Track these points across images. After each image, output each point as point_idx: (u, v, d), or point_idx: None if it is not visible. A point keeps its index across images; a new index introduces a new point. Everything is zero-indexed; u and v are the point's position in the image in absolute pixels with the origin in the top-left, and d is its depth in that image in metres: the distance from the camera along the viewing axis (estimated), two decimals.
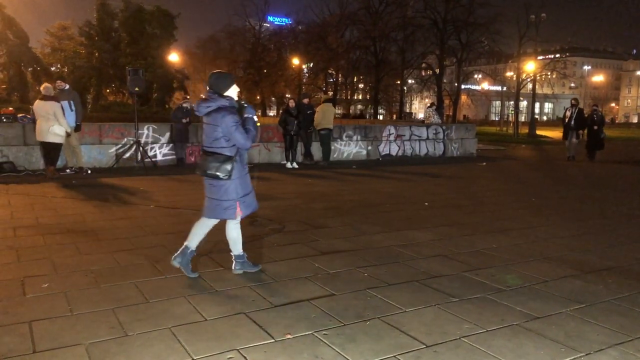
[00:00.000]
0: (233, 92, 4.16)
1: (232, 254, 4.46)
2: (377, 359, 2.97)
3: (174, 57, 45.13)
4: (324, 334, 3.27)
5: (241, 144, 4.10)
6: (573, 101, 16.24)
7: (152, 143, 12.37)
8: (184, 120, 12.21)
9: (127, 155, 11.84)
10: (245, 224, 6.41)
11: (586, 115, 16.41)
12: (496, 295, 4.01)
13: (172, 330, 3.27)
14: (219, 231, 5.89)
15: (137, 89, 11.65)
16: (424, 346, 3.13)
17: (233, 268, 4.45)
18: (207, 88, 4.22)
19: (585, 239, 5.98)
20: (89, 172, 10.86)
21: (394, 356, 3.00)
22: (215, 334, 3.24)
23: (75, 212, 6.90)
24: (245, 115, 4.16)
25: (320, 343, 3.15)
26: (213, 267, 4.61)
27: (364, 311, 3.64)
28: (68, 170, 10.70)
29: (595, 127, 15.77)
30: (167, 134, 12.51)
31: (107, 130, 12.00)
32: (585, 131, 16.21)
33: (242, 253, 4.45)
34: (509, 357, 3.02)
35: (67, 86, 10.82)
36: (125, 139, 12.03)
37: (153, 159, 12.11)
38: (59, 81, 10.75)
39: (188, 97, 14.87)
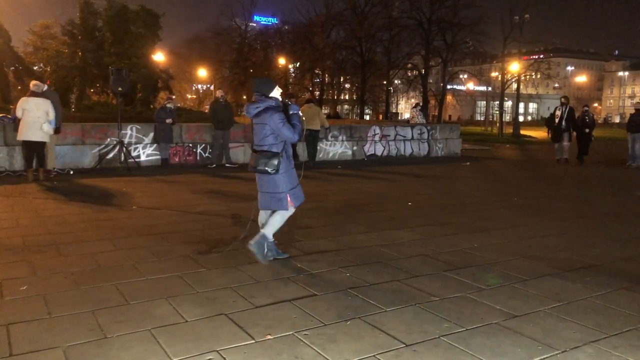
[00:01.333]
0: (277, 93, 4.70)
1: (261, 230, 4.74)
2: (356, 359, 2.98)
3: (159, 57, 44.68)
4: (305, 334, 3.28)
5: (289, 137, 4.59)
6: (563, 99, 14.92)
7: (136, 143, 12.27)
8: (167, 121, 12.12)
9: (110, 155, 11.72)
10: (230, 224, 6.42)
11: (577, 117, 15.22)
12: (476, 294, 4.05)
13: (152, 332, 3.26)
14: (200, 232, 5.89)
15: (120, 89, 11.59)
16: (404, 345, 3.15)
17: (249, 242, 4.67)
18: (254, 92, 4.71)
19: (566, 238, 6.06)
20: (72, 172, 10.75)
21: (374, 356, 3.02)
22: (195, 335, 3.23)
23: (56, 213, 6.83)
24: (291, 112, 4.72)
25: (301, 343, 3.15)
26: (195, 268, 4.59)
27: (345, 311, 3.66)
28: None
29: (587, 130, 14.81)
30: (151, 134, 12.41)
31: (90, 130, 11.88)
32: (574, 133, 15.03)
33: (269, 236, 4.69)
34: (487, 355, 3.05)
35: (45, 87, 10.66)
36: (109, 139, 11.91)
37: (137, 160, 12.02)
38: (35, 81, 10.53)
39: (173, 97, 14.78)
